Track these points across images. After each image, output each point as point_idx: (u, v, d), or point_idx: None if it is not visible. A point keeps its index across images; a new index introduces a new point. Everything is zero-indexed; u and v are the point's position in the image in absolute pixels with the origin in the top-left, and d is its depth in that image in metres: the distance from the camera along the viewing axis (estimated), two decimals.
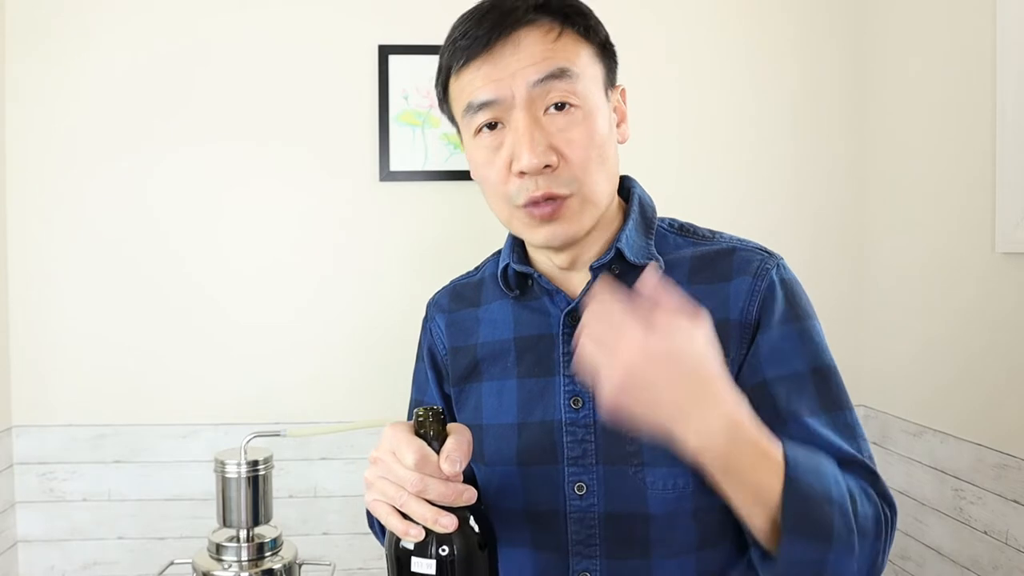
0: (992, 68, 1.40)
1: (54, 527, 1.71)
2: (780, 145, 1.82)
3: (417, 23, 1.75)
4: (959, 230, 1.51)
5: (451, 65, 0.79)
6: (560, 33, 0.77)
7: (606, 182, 0.80)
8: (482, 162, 0.79)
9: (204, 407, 1.73)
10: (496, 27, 0.75)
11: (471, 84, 0.77)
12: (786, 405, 0.77)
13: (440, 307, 0.95)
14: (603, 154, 0.78)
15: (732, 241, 0.84)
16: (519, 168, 0.75)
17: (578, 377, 0.80)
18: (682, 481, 0.77)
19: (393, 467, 0.67)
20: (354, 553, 1.75)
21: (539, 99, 0.76)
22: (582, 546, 0.80)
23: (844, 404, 0.79)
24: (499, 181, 0.78)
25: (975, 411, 1.47)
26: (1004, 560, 1.38)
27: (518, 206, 0.78)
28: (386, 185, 1.76)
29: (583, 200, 0.78)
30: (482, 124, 0.78)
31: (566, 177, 0.76)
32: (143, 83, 1.72)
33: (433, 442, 0.68)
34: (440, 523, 0.64)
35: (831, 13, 1.81)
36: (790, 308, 0.80)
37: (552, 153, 0.75)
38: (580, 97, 0.77)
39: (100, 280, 1.72)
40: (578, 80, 0.77)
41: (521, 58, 0.75)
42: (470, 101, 0.77)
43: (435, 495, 0.65)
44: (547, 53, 0.76)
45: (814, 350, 0.79)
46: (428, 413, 0.68)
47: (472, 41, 0.76)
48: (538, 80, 0.75)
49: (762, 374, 0.78)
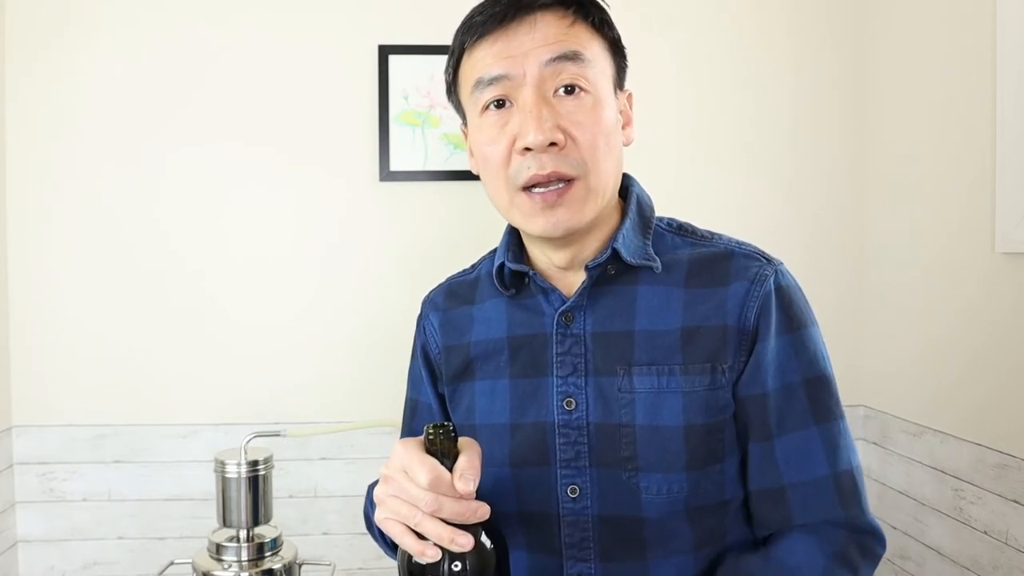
0: (992, 68, 1.40)
1: (54, 527, 1.71)
2: (780, 145, 1.82)
3: (417, 23, 1.75)
4: (959, 230, 1.51)
5: (464, 41, 0.79)
6: (574, 21, 0.77)
7: (612, 173, 0.79)
8: (486, 140, 0.79)
9: (204, 407, 1.73)
10: (513, 5, 0.76)
11: (483, 60, 0.77)
12: (777, 417, 0.77)
13: (435, 305, 0.94)
14: (610, 143, 0.78)
15: (730, 244, 0.84)
16: (524, 144, 0.74)
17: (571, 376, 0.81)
18: (676, 486, 0.76)
19: (405, 486, 0.66)
20: (354, 553, 1.75)
21: (549, 79, 0.76)
22: (576, 549, 0.79)
23: (834, 415, 0.79)
24: (502, 160, 0.77)
25: (975, 411, 1.47)
26: (1004, 560, 1.38)
27: (520, 189, 0.77)
28: (386, 185, 1.76)
29: (588, 187, 0.77)
30: (490, 101, 0.77)
31: (574, 158, 0.75)
32: (142, 83, 1.72)
33: (444, 459, 0.67)
34: (457, 543, 0.64)
35: (831, 13, 1.81)
36: (787, 318, 0.80)
37: (559, 132, 0.75)
38: (591, 83, 0.77)
39: (100, 281, 1.72)
40: (589, 66, 0.77)
41: (535, 37, 0.75)
42: (480, 76, 0.77)
43: (449, 514, 0.65)
44: (561, 36, 0.76)
45: (808, 360, 0.79)
46: (438, 430, 0.67)
47: (488, 18, 0.76)
48: (550, 59, 0.75)
49: (759, 386, 0.78)
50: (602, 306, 0.81)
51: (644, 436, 0.77)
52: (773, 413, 0.78)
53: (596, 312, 0.81)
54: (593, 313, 0.81)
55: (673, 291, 0.79)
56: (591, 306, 0.82)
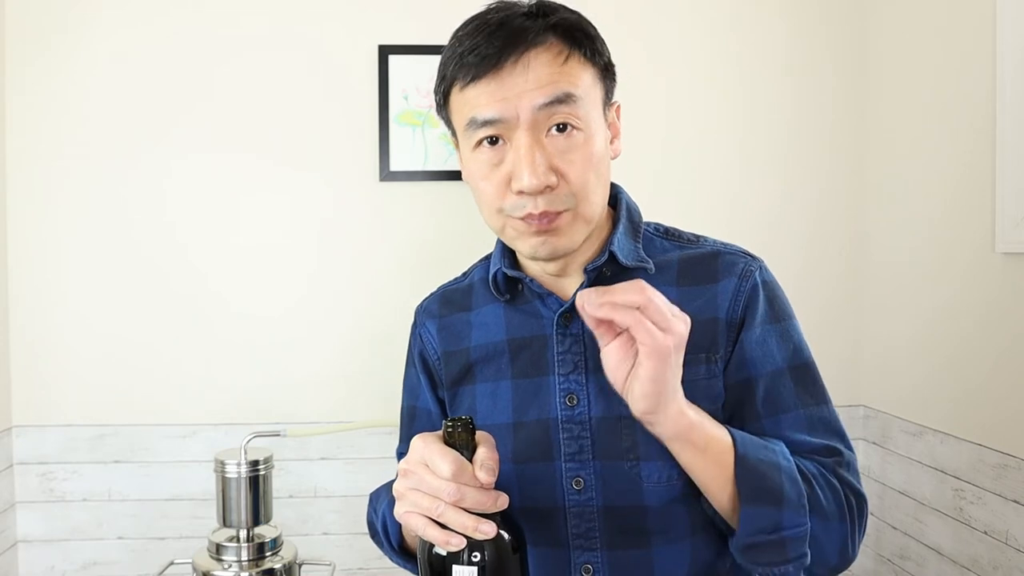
0: (992, 68, 1.40)
1: (54, 527, 1.71)
2: (780, 146, 1.82)
3: (417, 23, 1.75)
4: (959, 230, 1.51)
5: (456, 77, 0.79)
6: (568, 56, 0.78)
7: (600, 201, 0.82)
8: (479, 175, 0.80)
9: (204, 407, 1.74)
10: (507, 47, 0.76)
11: (476, 100, 0.77)
12: (765, 401, 0.82)
13: (430, 313, 0.96)
14: (599, 172, 0.80)
15: (716, 245, 0.88)
16: (519, 188, 0.76)
17: (573, 374, 0.83)
18: (675, 472, 0.79)
19: (426, 478, 0.68)
20: (354, 553, 1.75)
21: (543, 121, 0.77)
22: (583, 539, 0.82)
23: (820, 398, 0.84)
24: (496, 196, 0.79)
25: (975, 411, 1.47)
26: (1004, 560, 1.38)
27: (513, 217, 0.79)
28: (386, 185, 1.76)
29: (576, 216, 0.79)
30: (483, 139, 0.78)
31: (564, 195, 0.77)
32: (143, 83, 1.72)
33: (463, 451, 0.69)
34: (480, 530, 0.66)
35: (830, 14, 1.81)
36: (771, 309, 0.84)
37: (552, 174, 0.76)
38: (582, 120, 0.78)
39: (100, 281, 1.72)
40: (581, 104, 0.78)
41: (529, 79, 0.76)
42: (473, 116, 0.78)
43: (472, 503, 0.67)
44: (554, 77, 0.76)
45: (793, 348, 0.84)
46: (457, 423, 0.69)
47: (482, 59, 0.76)
48: (544, 104, 0.76)
49: (747, 371, 0.82)
50: None
51: (644, 426, 0.79)
52: (760, 396, 0.82)
53: None
54: None
55: (666, 290, 0.83)
56: None
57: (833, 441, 0.82)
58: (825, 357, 1.00)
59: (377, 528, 0.91)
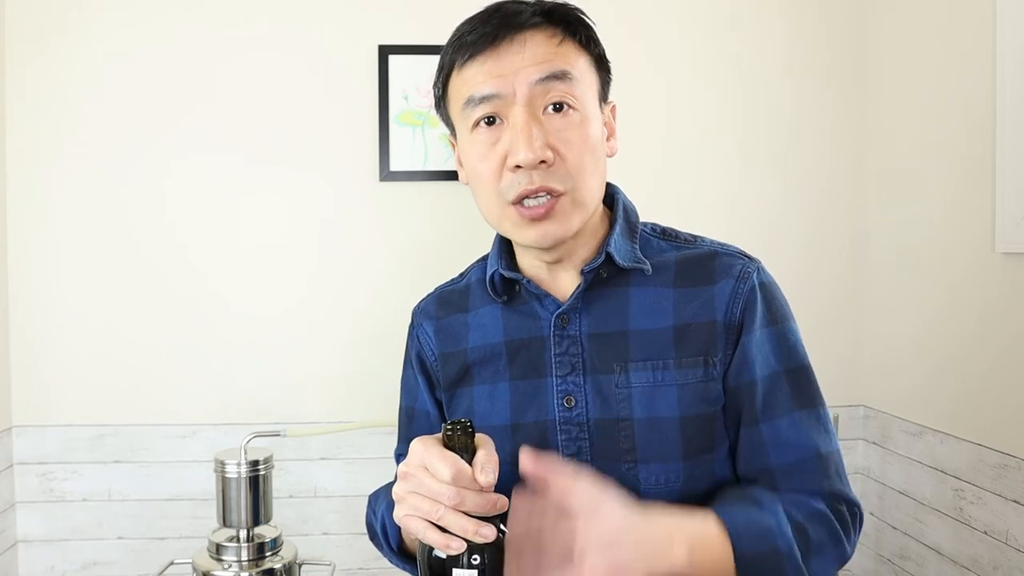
0: (992, 68, 1.40)
1: (54, 527, 1.71)
2: (780, 146, 1.82)
3: (417, 23, 1.75)
4: (959, 230, 1.51)
5: (455, 60, 0.81)
6: (562, 40, 0.80)
7: (597, 187, 0.83)
8: (477, 157, 0.81)
9: (204, 407, 1.73)
10: (503, 26, 0.78)
11: (474, 78, 0.79)
12: (762, 404, 0.82)
13: (427, 314, 0.96)
14: (596, 158, 0.81)
15: (713, 245, 0.88)
16: (516, 162, 0.77)
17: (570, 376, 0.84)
18: (673, 475, 0.80)
19: (426, 481, 0.68)
20: (354, 553, 1.75)
21: (539, 98, 0.78)
22: None
23: (815, 401, 0.84)
24: (493, 176, 0.80)
25: (975, 411, 1.47)
26: (1004, 560, 1.38)
27: (510, 203, 0.80)
28: (386, 185, 1.76)
29: (574, 201, 0.80)
30: (480, 118, 0.80)
31: (561, 174, 0.78)
32: (142, 84, 1.72)
33: (463, 454, 0.69)
34: (480, 534, 0.66)
35: (830, 14, 1.81)
36: (769, 312, 0.85)
37: (548, 150, 0.77)
38: (578, 100, 0.79)
39: (100, 281, 1.72)
40: (577, 84, 0.79)
41: (525, 56, 0.78)
42: (471, 94, 0.79)
43: (472, 506, 0.67)
44: (549, 55, 0.79)
45: (790, 351, 0.85)
46: (456, 426, 0.69)
47: (479, 37, 0.79)
48: (540, 79, 0.78)
49: (747, 375, 0.82)
50: (596, 308, 0.85)
51: (642, 428, 0.81)
52: (759, 400, 0.82)
53: (591, 314, 0.85)
54: (588, 315, 0.85)
55: (663, 291, 0.83)
56: (586, 308, 0.85)
57: (823, 445, 0.82)
58: (825, 357, 1.01)
59: (376, 530, 0.91)
